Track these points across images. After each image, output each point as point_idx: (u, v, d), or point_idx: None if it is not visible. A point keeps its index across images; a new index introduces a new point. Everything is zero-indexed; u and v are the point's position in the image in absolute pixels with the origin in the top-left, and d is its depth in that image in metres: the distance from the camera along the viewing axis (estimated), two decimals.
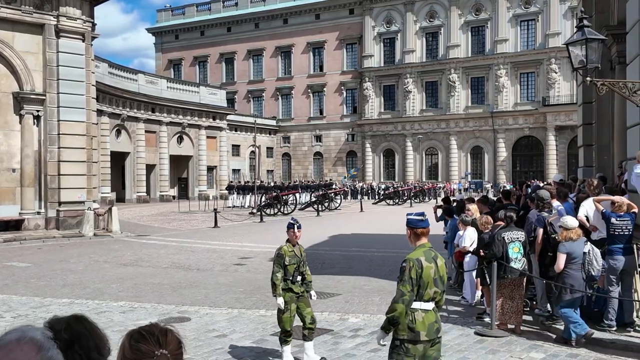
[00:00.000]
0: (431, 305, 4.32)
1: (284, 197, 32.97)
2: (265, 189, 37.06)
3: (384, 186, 51.03)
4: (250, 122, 52.10)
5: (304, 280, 6.42)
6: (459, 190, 50.88)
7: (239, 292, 10.74)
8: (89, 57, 21.42)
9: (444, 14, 55.81)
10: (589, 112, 15.03)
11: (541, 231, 8.42)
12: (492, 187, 48.89)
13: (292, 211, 31.87)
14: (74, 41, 20.57)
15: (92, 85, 22.10)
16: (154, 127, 43.96)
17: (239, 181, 44.99)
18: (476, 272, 9.13)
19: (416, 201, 41.55)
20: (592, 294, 8.01)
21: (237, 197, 39.01)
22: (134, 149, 42.12)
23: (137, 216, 30.32)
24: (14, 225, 19.80)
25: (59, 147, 20.25)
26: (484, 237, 8.70)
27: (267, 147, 62.12)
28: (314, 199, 35.35)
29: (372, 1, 58.64)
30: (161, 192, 45.40)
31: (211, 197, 42.00)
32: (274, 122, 63.52)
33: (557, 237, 7.71)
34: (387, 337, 4.37)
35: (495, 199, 13.78)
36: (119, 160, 41.09)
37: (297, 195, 36.51)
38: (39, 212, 20.25)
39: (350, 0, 59.69)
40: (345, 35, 60.50)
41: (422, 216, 4.48)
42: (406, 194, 42.82)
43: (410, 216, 4.50)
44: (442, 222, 12.25)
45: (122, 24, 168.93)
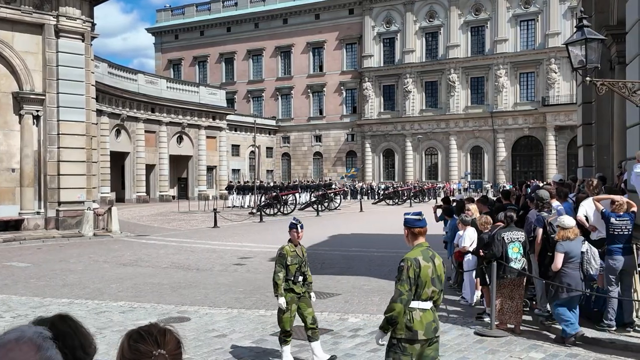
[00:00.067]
0: (429, 304, 4.33)
1: (284, 197, 32.97)
2: (265, 189, 37.06)
3: (383, 186, 51.03)
4: (250, 122, 52.09)
5: (305, 280, 6.42)
6: (459, 190, 50.88)
7: (239, 292, 10.74)
8: (89, 57, 21.42)
9: (444, 14, 55.82)
10: (588, 112, 15.03)
11: (541, 231, 8.42)
12: (491, 187, 48.87)
13: (292, 211, 31.87)
14: (73, 41, 20.57)
15: (92, 85, 22.10)
16: (153, 127, 43.97)
17: (239, 181, 44.98)
18: (476, 272, 9.14)
19: (416, 201, 41.54)
20: (591, 294, 8.01)
21: (236, 197, 39.00)
22: (133, 149, 42.12)
23: (136, 216, 30.31)
24: (14, 225, 19.80)
25: (58, 147, 20.25)
26: (484, 237, 8.70)
27: (267, 147, 62.12)
28: (313, 199, 35.35)
29: (372, 1, 58.63)
30: (161, 192, 45.41)
31: (211, 197, 42.02)
32: (273, 122, 63.53)
33: (554, 236, 7.72)
34: (385, 336, 4.38)
35: (494, 199, 13.77)
36: (118, 160, 41.09)
37: (297, 195, 36.52)
38: (38, 212, 20.25)
39: (350, 0, 59.71)
40: (345, 35, 60.50)
41: (420, 216, 4.49)
42: (406, 194, 42.82)
43: (407, 216, 4.52)
44: (441, 222, 12.26)
45: (121, 24, 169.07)
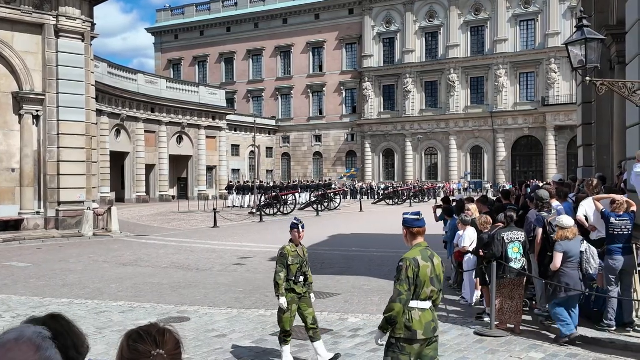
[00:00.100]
0: (428, 304, 4.33)
1: (284, 197, 32.97)
2: (264, 189, 37.06)
3: (383, 186, 51.02)
4: (249, 122, 52.08)
5: (306, 280, 6.41)
6: (459, 190, 50.88)
7: (239, 292, 10.74)
8: (89, 57, 21.42)
9: (444, 14, 55.81)
10: (588, 112, 15.03)
11: (540, 231, 8.42)
12: (491, 187, 48.87)
13: (292, 211, 31.87)
14: (73, 41, 20.57)
15: (92, 85, 22.10)
16: (153, 127, 43.97)
17: (239, 181, 44.98)
18: (475, 272, 9.14)
19: (416, 201, 41.52)
20: (591, 294, 8.01)
21: (236, 197, 39.00)
22: (133, 148, 42.11)
23: (136, 216, 30.31)
24: (14, 225, 19.80)
25: (58, 147, 20.25)
26: (484, 237, 8.70)
27: (267, 147, 62.11)
28: (313, 199, 35.35)
29: (372, 1, 58.62)
30: (161, 192, 45.40)
31: (211, 197, 42.02)
32: (273, 122, 63.52)
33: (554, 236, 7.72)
34: (385, 336, 4.38)
35: (494, 199, 13.77)
36: (118, 160, 41.07)
37: (297, 195, 36.51)
38: (38, 212, 20.25)
39: (349, 0, 59.70)
40: (344, 35, 60.50)
41: (418, 215, 4.50)
42: (406, 194, 42.81)
43: (406, 216, 4.52)
44: (441, 222, 12.25)
45: (121, 24, 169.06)
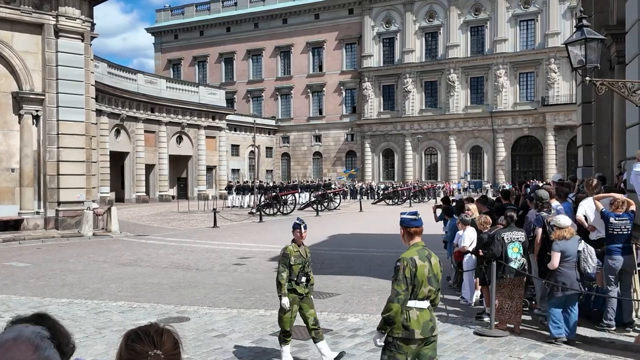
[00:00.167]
0: (426, 303, 4.33)
1: (283, 197, 32.97)
2: (264, 189, 37.05)
3: (383, 186, 51.02)
4: (249, 122, 52.04)
5: (308, 281, 6.40)
6: (458, 190, 50.90)
7: (238, 292, 10.73)
8: (88, 57, 21.41)
9: (443, 13, 55.81)
10: (588, 111, 15.03)
11: (540, 231, 8.42)
12: (491, 187, 48.89)
13: (292, 211, 31.87)
14: (73, 41, 20.56)
15: (92, 85, 22.10)
16: (153, 127, 43.96)
17: (238, 181, 44.97)
18: (475, 272, 9.14)
19: (415, 201, 41.51)
20: (591, 294, 8.01)
21: (236, 197, 39.00)
22: (133, 148, 42.10)
23: (136, 216, 30.30)
24: (13, 225, 19.79)
25: (58, 147, 20.24)
26: (483, 237, 8.69)
27: (267, 147, 62.10)
28: (313, 199, 35.35)
29: (372, 1, 58.62)
30: (160, 192, 45.39)
31: (210, 197, 42.02)
32: (273, 122, 63.52)
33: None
34: (383, 337, 4.37)
35: (494, 198, 13.77)
36: (118, 160, 41.06)
37: (297, 195, 36.51)
38: (38, 212, 20.24)
39: (349, 0, 59.70)
40: (344, 35, 60.49)
41: (415, 215, 4.50)
42: (405, 194, 42.81)
43: (403, 215, 4.53)
44: (441, 222, 12.25)
45: (121, 23, 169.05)
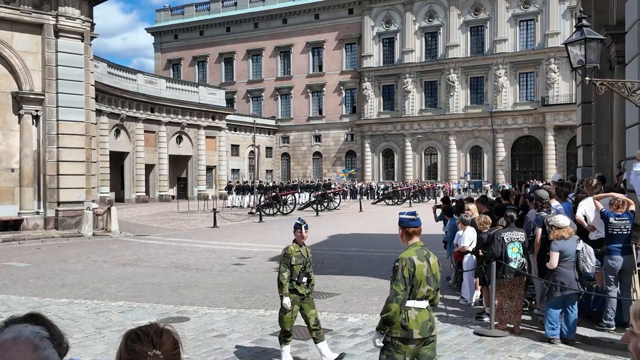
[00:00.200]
0: (425, 303, 4.33)
1: (283, 197, 32.97)
2: (264, 189, 37.04)
3: (383, 186, 51.02)
4: (249, 122, 52.02)
5: (309, 281, 6.39)
6: (458, 190, 50.90)
7: (238, 292, 10.73)
8: (88, 57, 21.41)
9: (443, 13, 55.81)
10: (588, 111, 15.03)
11: (540, 231, 8.42)
12: (491, 187, 48.88)
13: (292, 211, 31.87)
14: (73, 41, 20.55)
15: (91, 85, 22.09)
16: (153, 127, 43.95)
17: (238, 181, 44.97)
18: (475, 271, 9.13)
19: (415, 201, 41.50)
20: (590, 294, 8.01)
21: (236, 197, 39.00)
22: (133, 148, 42.10)
23: (136, 216, 30.29)
24: (13, 225, 19.79)
25: (57, 147, 20.24)
26: (483, 237, 8.69)
27: (267, 147, 62.10)
28: (313, 199, 35.34)
29: (372, 1, 58.61)
30: (160, 192, 45.38)
31: (210, 197, 42.01)
32: (273, 122, 63.51)
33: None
34: (382, 337, 4.37)
35: (494, 198, 13.77)
36: (118, 160, 41.06)
37: (297, 195, 36.51)
38: (37, 212, 20.23)
39: (349, 0, 59.69)
40: (344, 35, 60.49)
41: (414, 215, 4.50)
42: (405, 194, 42.81)
43: (402, 215, 4.52)
44: (441, 222, 12.25)
45: (121, 23, 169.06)
